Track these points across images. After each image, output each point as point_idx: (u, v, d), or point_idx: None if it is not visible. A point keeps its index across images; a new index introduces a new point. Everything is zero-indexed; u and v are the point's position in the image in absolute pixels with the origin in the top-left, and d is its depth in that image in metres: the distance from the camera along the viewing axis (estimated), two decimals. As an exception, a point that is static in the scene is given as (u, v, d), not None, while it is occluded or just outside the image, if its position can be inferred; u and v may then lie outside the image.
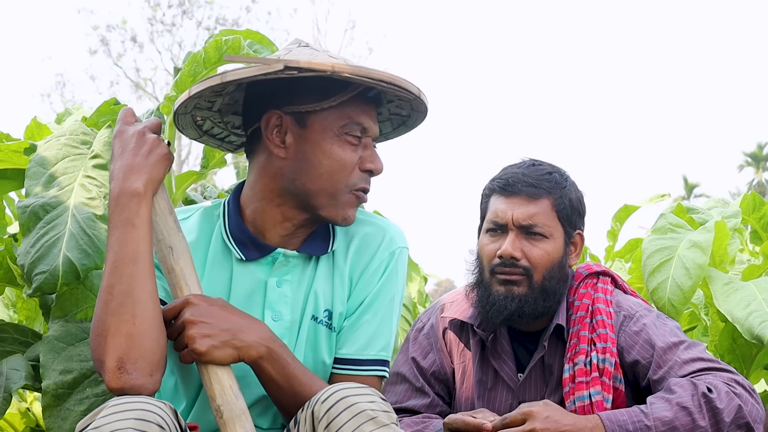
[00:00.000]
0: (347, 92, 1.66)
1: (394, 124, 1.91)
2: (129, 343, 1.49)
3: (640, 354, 2.04)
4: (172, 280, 1.61)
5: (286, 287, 1.73)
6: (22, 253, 2.08)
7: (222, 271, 1.73)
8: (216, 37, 2.63)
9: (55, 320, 2.13)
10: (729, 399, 1.90)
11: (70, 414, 2.05)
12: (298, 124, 1.67)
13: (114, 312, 1.51)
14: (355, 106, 1.68)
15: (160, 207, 1.62)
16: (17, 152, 2.46)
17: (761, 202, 3.33)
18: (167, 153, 1.63)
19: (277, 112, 1.67)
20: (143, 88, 21.16)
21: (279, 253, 1.72)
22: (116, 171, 1.60)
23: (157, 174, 1.61)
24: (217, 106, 1.78)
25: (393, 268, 1.78)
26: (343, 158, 1.67)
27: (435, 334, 2.24)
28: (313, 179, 1.67)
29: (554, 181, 2.11)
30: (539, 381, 2.13)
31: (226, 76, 1.60)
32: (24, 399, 2.97)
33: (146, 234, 1.56)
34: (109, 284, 1.52)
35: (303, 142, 1.67)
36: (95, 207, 2.15)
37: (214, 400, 1.54)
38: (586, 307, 2.12)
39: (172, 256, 1.61)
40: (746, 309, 2.47)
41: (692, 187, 38.43)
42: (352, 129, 1.68)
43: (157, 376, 1.53)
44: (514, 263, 2.06)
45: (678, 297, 2.52)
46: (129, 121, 1.66)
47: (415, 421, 2.12)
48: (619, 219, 4.09)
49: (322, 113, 1.66)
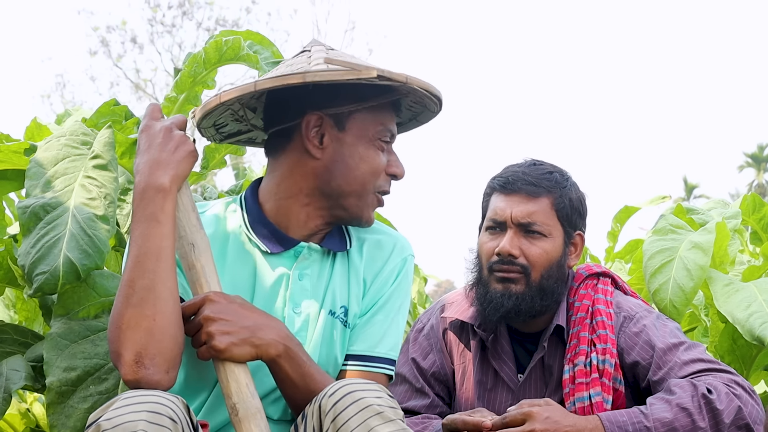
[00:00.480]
0: (383, 97, 1.72)
1: None
2: (148, 338, 1.50)
3: (640, 355, 2.04)
4: (193, 276, 1.62)
5: (306, 281, 1.75)
6: (22, 254, 2.08)
7: (246, 265, 1.74)
8: (216, 38, 2.63)
9: (58, 318, 2.13)
10: (729, 400, 1.90)
11: (74, 411, 2.05)
12: (337, 126, 1.71)
13: (135, 306, 1.51)
14: (387, 113, 1.75)
15: (183, 203, 1.63)
16: (17, 153, 2.46)
17: (761, 203, 3.33)
18: (193, 150, 1.64)
19: (318, 113, 1.70)
20: (143, 89, 21.16)
21: (303, 247, 1.76)
22: (142, 165, 1.60)
23: (183, 170, 1.61)
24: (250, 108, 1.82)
25: (404, 274, 1.83)
26: (376, 162, 1.73)
27: (435, 335, 2.24)
28: (348, 181, 1.72)
29: (554, 180, 2.11)
30: (539, 382, 2.13)
31: (309, 75, 1.61)
32: (24, 399, 2.97)
33: (170, 230, 1.57)
34: (130, 278, 1.53)
35: (341, 144, 1.72)
36: (96, 207, 2.15)
37: (230, 397, 1.55)
38: (586, 308, 2.12)
39: (194, 253, 1.62)
40: (747, 310, 2.47)
41: (692, 188, 38.43)
42: (384, 134, 1.74)
43: (173, 373, 1.54)
44: (512, 261, 2.06)
45: (680, 298, 2.52)
46: (156, 117, 1.67)
47: (415, 422, 2.12)
48: (619, 220, 4.09)
49: (359, 117, 1.71)
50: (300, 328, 1.73)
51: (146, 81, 21.32)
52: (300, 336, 1.72)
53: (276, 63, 2.76)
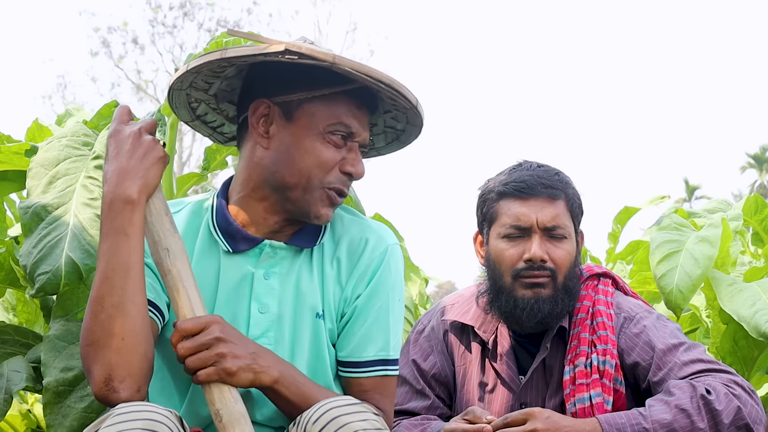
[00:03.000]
0: (335, 86, 1.63)
1: (388, 138, 1.88)
2: (117, 359, 1.48)
3: (640, 356, 2.04)
4: (169, 282, 1.58)
5: (273, 279, 1.71)
6: (24, 254, 2.09)
7: (209, 264, 1.71)
8: (217, 39, 2.63)
9: (57, 319, 2.13)
10: (728, 400, 1.90)
11: (71, 411, 2.06)
12: (285, 116, 1.65)
13: (103, 324, 1.49)
14: (345, 107, 1.66)
15: (156, 208, 1.59)
16: (18, 154, 2.47)
17: (764, 205, 3.33)
18: (163, 156, 1.60)
19: (266, 101, 1.66)
20: (144, 89, 21.18)
21: (265, 245, 1.70)
22: (110, 174, 1.56)
23: (152, 179, 1.57)
24: (213, 89, 1.76)
25: (385, 266, 1.75)
26: (322, 157, 1.64)
27: (436, 337, 2.24)
28: (291, 173, 1.65)
29: (564, 181, 2.12)
30: (540, 383, 2.13)
31: (226, 52, 1.58)
32: (25, 400, 2.97)
33: (138, 243, 1.54)
34: (99, 295, 1.50)
35: (287, 135, 1.65)
36: (97, 207, 2.15)
37: (213, 404, 1.52)
38: (587, 309, 2.12)
39: (169, 258, 1.58)
40: (752, 308, 2.48)
41: (693, 189, 38.42)
42: (338, 129, 1.65)
43: (144, 389, 1.52)
44: (542, 266, 2.05)
45: (686, 284, 2.51)
46: (125, 120, 1.63)
47: (414, 423, 2.12)
48: (619, 221, 4.09)
49: (309, 108, 1.64)
50: (267, 328, 1.69)
51: (147, 82, 21.34)
52: (268, 336, 1.69)
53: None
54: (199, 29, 21.32)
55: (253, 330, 1.68)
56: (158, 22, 21.23)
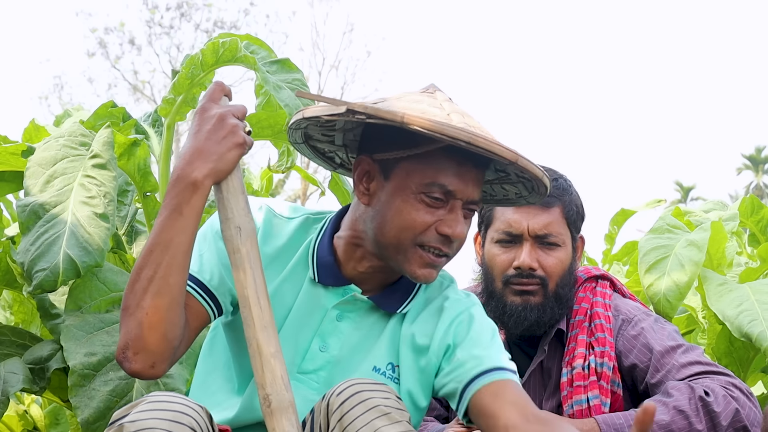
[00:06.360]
0: (432, 144, 1.53)
1: (528, 187, 1.72)
2: (137, 332, 1.47)
3: (638, 358, 2.04)
4: (236, 261, 1.53)
5: (345, 323, 1.68)
6: (21, 251, 2.09)
7: (295, 283, 1.68)
8: (214, 40, 2.63)
9: (70, 312, 2.16)
10: (726, 402, 1.90)
11: (96, 394, 2.09)
12: (383, 174, 1.60)
13: (136, 294, 1.48)
14: (444, 165, 1.56)
15: (233, 185, 1.55)
16: (15, 154, 2.47)
17: (759, 206, 3.33)
18: (242, 142, 1.51)
19: (368, 158, 1.61)
20: (141, 90, 21.15)
21: (350, 291, 1.66)
22: (185, 151, 1.50)
23: (225, 164, 1.50)
24: (338, 140, 1.72)
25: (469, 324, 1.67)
26: (410, 217, 1.57)
27: (434, 337, 2.24)
28: (383, 233, 1.59)
29: (562, 188, 2.10)
30: (538, 385, 2.13)
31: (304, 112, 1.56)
32: (21, 401, 2.97)
33: (190, 225, 1.49)
34: (139, 266, 1.49)
35: (384, 194, 1.59)
36: (95, 206, 2.16)
37: (264, 388, 1.49)
38: (585, 311, 2.12)
39: (240, 237, 1.53)
40: (738, 308, 2.47)
41: (689, 190, 38.49)
42: (432, 190, 1.55)
43: (161, 366, 1.50)
44: (531, 274, 2.05)
45: (673, 293, 2.52)
46: (216, 98, 1.55)
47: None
48: (616, 222, 4.10)
49: (405, 166, 1.57)
50: (321, 367, 1.66)
51: (144, 82, 21.33)
52: (319, 375, 1.66)
53: (274, 63, 2.77)
54: (195, 30, 21.32)
55: (307, 364, 1.66)
56: (155, 23, 21.22)
